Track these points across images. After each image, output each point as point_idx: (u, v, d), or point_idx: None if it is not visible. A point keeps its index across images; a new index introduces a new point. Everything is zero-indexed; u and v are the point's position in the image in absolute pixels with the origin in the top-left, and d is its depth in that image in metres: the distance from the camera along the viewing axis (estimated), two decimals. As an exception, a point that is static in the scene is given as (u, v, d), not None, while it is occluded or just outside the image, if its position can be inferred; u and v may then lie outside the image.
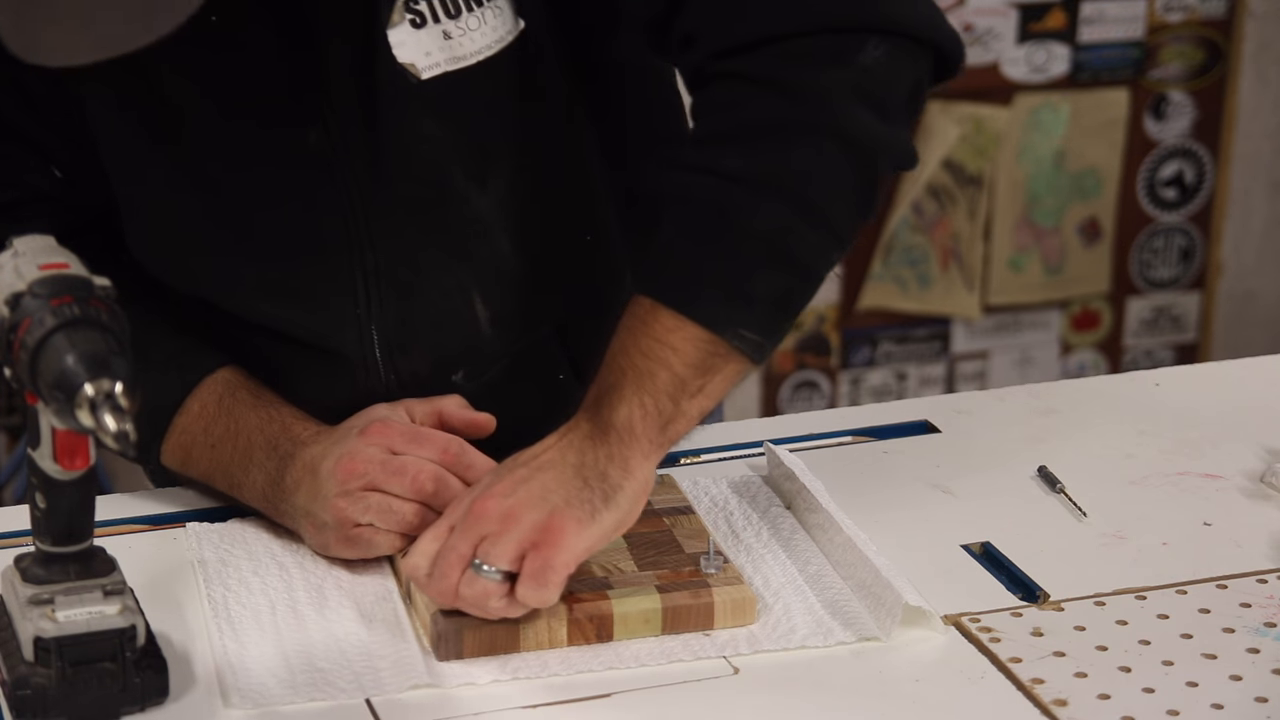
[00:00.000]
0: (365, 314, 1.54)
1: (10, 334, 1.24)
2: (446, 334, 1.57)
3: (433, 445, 1.47)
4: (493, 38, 1.48)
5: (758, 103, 1.40)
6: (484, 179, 1.52)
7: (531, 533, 1.34)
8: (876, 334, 3.65)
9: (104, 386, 1.20)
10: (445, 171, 1.51)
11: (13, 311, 1.24)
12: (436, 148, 1.50)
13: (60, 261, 1.27)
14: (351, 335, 1.55)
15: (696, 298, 1.38)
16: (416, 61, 1.47)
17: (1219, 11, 3.64)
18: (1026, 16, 3.53)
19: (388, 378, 1.56)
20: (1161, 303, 3.79)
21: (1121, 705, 1.32)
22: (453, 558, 1.35)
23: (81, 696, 1.29)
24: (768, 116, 1.40)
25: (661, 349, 1.38)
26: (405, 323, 1.55)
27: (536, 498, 1.36)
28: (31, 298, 1.24)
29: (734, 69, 1.41)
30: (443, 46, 1.47)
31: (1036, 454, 1.65)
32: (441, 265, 1.54)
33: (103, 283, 1.26)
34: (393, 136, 1.49)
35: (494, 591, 1.35)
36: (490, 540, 1.35)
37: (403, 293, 1.54)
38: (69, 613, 1.29)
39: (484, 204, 1.53)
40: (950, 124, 3.52)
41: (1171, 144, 3.69)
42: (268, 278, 1.54)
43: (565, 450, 1.38)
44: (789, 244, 1.39)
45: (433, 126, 1.49)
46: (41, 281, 1.24)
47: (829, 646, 1.39)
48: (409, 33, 1.46)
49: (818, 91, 1.39)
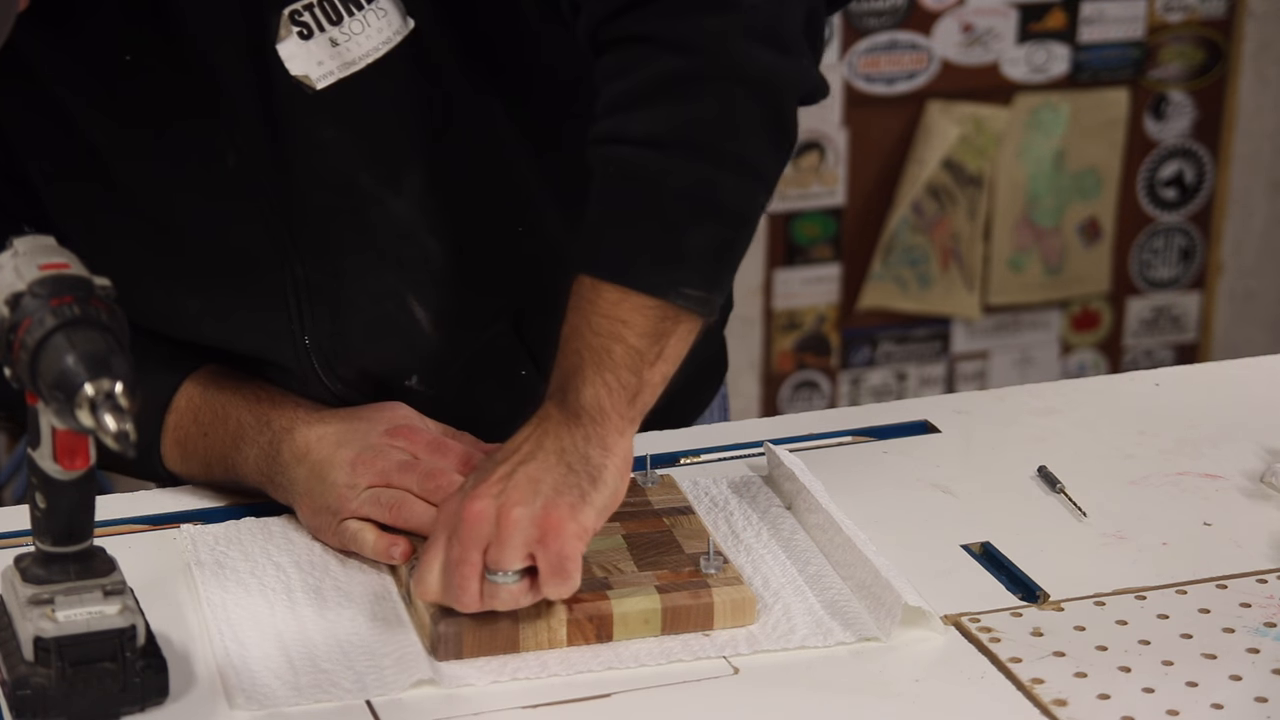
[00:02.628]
0: (299, 328, 1.54)
1: (10, 334, 1.24)
2: (384, 340, 1.57)
3: (455, 455, 1.49)
4: (379, 39, 1.47)
5: (651, 61, 1.40)
6: (397, 181, 1.52)
7: (531, 529, 1.34)
8: (876, 334, 3.65)
9: (104, 386, 1.20)
10: (352, 177, 1.51)
11: (13, 311, 1.24)
12: (340, 154, 1.50)
13: (60, 261, 1.27)
14: (287, 349, 1.55)
15: (631, 266, 1.38)
16: (310, 72, 1.47)
17: (1219, 11, 3.64)
18: (1026, 16, 3.53)
19: (333, 387, 1.57)
20: (1161, 303, 3.79)
21: (1121, 705, 1.32)
22: (466, 570, 1.35)
23: (81, 696, 1.29)
24: (663, 73, 1.39)
25: (611, 324, 1.38)
26: (339, 333, 1.55)
27: (527, 492, 1.35)
28: (31, 298, 1.24)
29: (621, 32, 1.41)
30: (332, 54, 1.47)
31: (1036, 454, 1.65)
32: (367, 271, 1.54)
33: (103, 283, 1.26)
34: (298, 148, 1.49)
35: (519, 593, 1.35)
36: (496, 546, 1.35)
37: (331, 303, 1.54)
38: (69, 613, 1.29)
39: (400, 206, 1.52)
40: (950, 124, 3.52)
41: (1171, 144, 3.69)
42: (206, 301, 1.55)
43: (542, 440, 1.38)
44: (711, 195, 1.39)
45: (333, 133, 1.49)
46: (41, 281, 1.24)
47: (829, 646, 1.39)
48: (298, 45, 1.46)
49: (707, 38, 1.39)
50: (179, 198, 1.51)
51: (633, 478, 1.55)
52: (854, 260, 3.59)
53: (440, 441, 1.50)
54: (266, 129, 1.48)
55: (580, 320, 1.39)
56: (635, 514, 1.51)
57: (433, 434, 1.51)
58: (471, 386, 1.60)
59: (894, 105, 3.52)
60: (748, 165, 1.41)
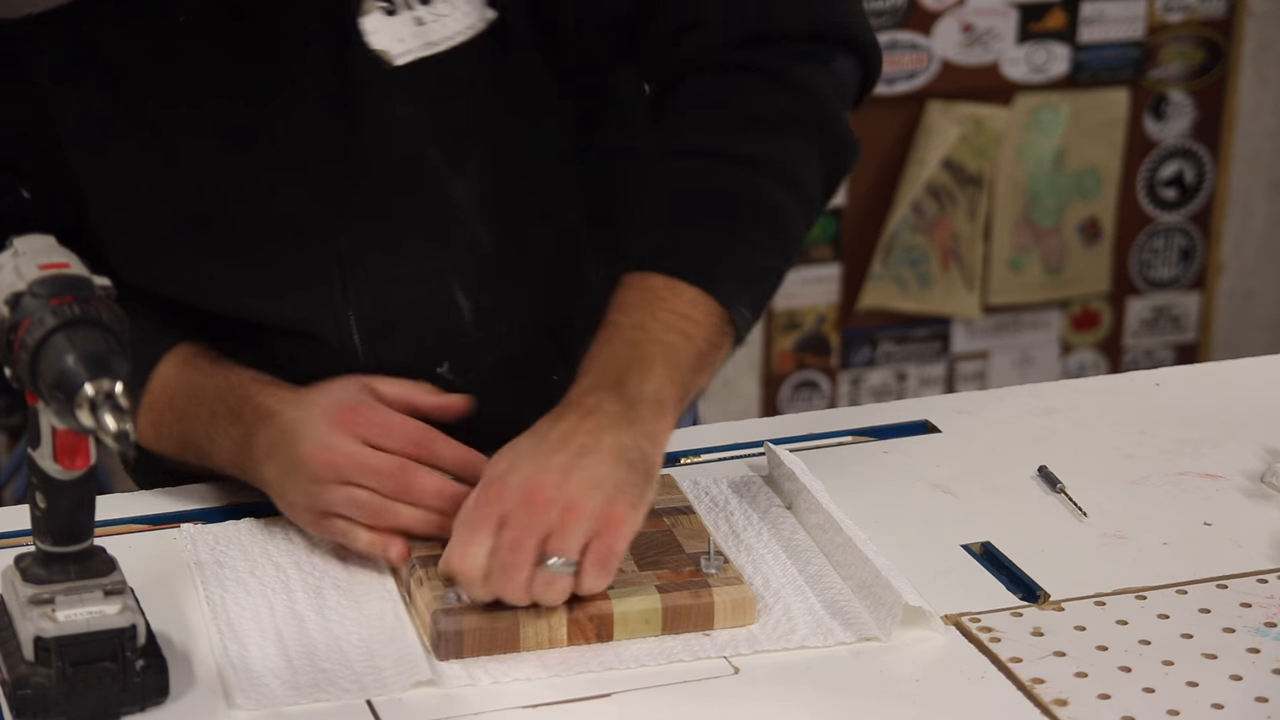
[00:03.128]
0: (342, 299, 1.55)
1: (10, 334, 1.24)
2: (426, 322, 1.57)
3: (403, 436, 1.46)
4: (464, 24, 1.50)
5: (765, 94, 1.49)
6: (461, 164, 1.54)
7: (595, 521, 1.35)
8: (876, 334, 3.65)
9: (104, 386, 1.20)
10: (422, 154, 1.52)
11: (13, 311, 1.24)
12: (412, 130, 1.51)
13: (60, 261, 1.27)
14: (329, 321, 1.56)
15: (716, 272, 1.44)
16: (390, 48, 1.49)
17: (1219, 11, 3.64)
18: (1026, 16, 3.53)
19: (368, 363, 1.57)
20: (1161, 303, 3.79)
21: (1121, 705, 1.32)
22: (522, 555, 1.34)
23: (82, 696, 1.29)
24: (774, 107, 1.49)
25: (685, 323, 1.42)
26: (383, 308, 1.56)
27: (591, 485, 1.35)
28: (31, 297, 1.24)
29: (744, 60, 1.50)
30: (415, 32, 1.48)
31: (1036, 454, 1.65)
32: (419, 250, 1.55)
33: (103, 282, 1.26)
34: (369, 120, 1.50)
35: (570, 584, 1.35)
36: (558, 534, 1.34)
37: (377, 278, 1.55)
38: (69, 612, 1.29)
39: (461, 189, 1.54)
40: (950, 124, 3.52)
41: (1171, 144, 3.69)
42: (244, 270, 1.55)
43: (598, 433, 1.37)
44: (784, 224, 1.48)
45: (408, 110, 1.51)
46: (42, 281, 1.24)
47: (829, 646, 1.39)
48: (382, 20, 1.48)
49: (815, 88, 1.50)
50: (222, 161, 1.51)
51: (633, 477, 1.55)
52: (854, 260, 3.59)
53: (387, 420, 1.46)
54: (336, 98, 1.49)
55: (645, 314, 1.41)
56: (635, 514, 1.51)
57: (377, 412, 1.47)
58: (501, 384, 1.60)
59: (894, 105, 3.52)
60: (811, 206, 1.50)
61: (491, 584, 1.35)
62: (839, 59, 1.53)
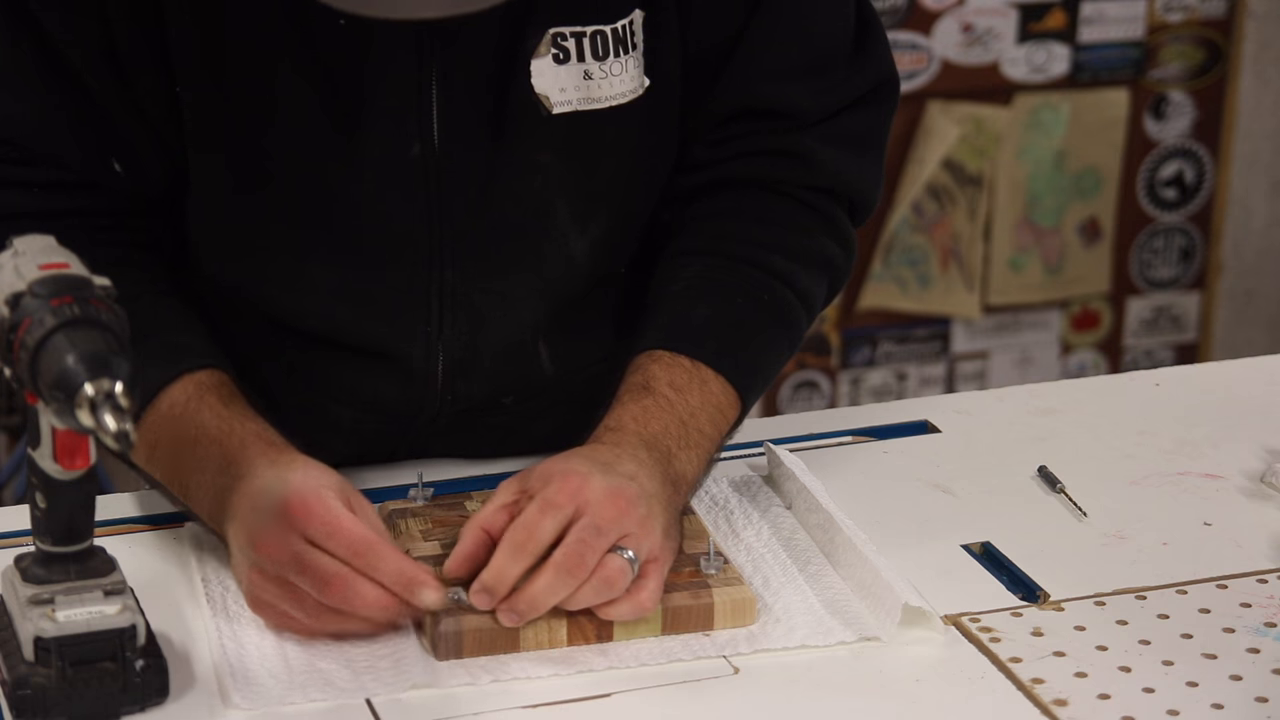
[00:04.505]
0: (435, 329, 1.55)
1: (10, 334, 1.24)
2: (508, 363, 1.59)
3: (348, 543, 1.35)
4: (628, 87, 1.50)
5: (822, 236, 1.61)
6: (585, 224, 1.55)
7: (655, 549, 1.38)
8: (876, 334, 3.65)
9: (104, 386, 1.20)
10: (551, 204, 1.53)
11: (13, 311, 1.24)
12: (549, 180, 1.52)
13: (60, 261, 1.27)
14: (419, 348, 1.56)
15: (754, 388, 1.55)
16: (550, 95, 1.48)
17: (1219, 11, 3.64)
18: (1026, 16, 3.53)
19: (444, 393, 1.58)
20: (1161, 303, 3.79)
21: (1121, 705, 1.32)
22: (601, 541, 1.35)
23: (81, 696, 1.29)
24: (828, 252, 1.61)
25: (721, 421, 1.53)
26: (472, 346, 1.56)
27: (654, 520, 1.39)
28: (31, 297, 1.24)
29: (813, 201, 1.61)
30: (579, 85, 1.49)
31: (1036, 454, 1.65)
32: (522, 298, 1.56)
33: (102, 282, 1.26)
34: (507, 160, 1.50)
35: (629, 575, 1.36)
36: (636, 536, 1.37)
37: (475, 316, 1.55)
38: (69, 613, 1.29)
39: (580, 246, 1.55)
40: (950, 124, 3.52)
41: (1171, 144, 3.69)
42: (343, 281, 1.53)
43: (657, 487, 1.42)
44: (796, 339, 1.61)
45: (551, 159, 1.51)
46: (42, 281, 1.24)
47: (829, 646, 1.39)
48: (549, 66, 1.48)
49: (851, 239, 1.64)
50: (349, 174, 1.49)
51: (633, 478, 1.55)
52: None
53: (335, 524, 1.36)
54: (484, 131, 1.49)
55: (699, 405, 1.50)
56: (635, 514, 1.51)
57: (328, 512, 1.37)
58: (556, 410, 1.63)
59: (894, 105, 3.52)
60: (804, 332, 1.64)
61: (554, 562, 1.34)
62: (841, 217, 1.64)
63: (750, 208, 1.60)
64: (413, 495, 1.53)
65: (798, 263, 1.59)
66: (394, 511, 1.50)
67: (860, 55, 1.60)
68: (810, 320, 1.61)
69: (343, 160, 1.49)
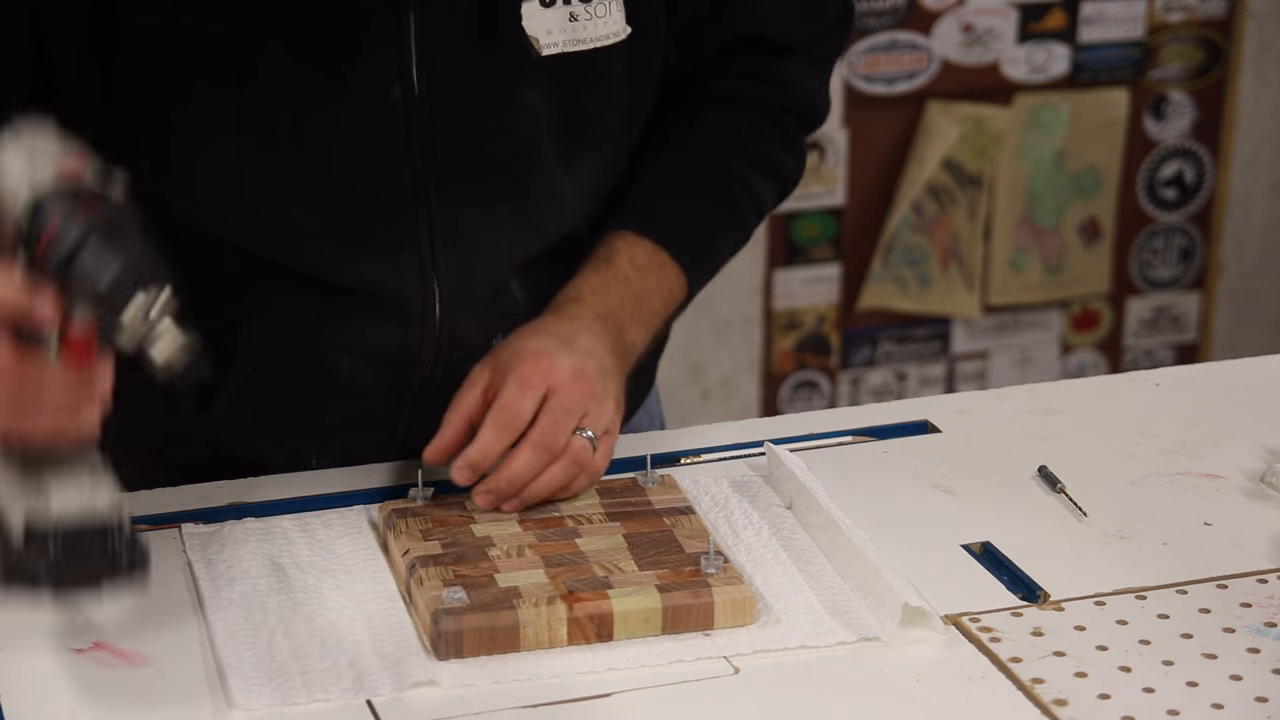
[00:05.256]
0: (429, 263, 1.56)
1: (32, 243, 1.19)
2: (497, 296, 1.61)
3: None
4: (612, 29, 1.55)
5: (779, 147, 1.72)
6: (572, 164, 1.59)
7: (610, 424, 1.51)
8: (876, 334, 3.65)
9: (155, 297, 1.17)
10: (538, 145, 1.56)
11: (34, 219, 1.19)
12: (536, 120, 1.55)
13: (74, 164, 1.22)
14: (413, 283, 1.57)
15: (703, 279, 1.67)
16: (540, 37, 1.53)
17: (1219, 11, 3.64)
18: (1026, 16, 3.53)
19: (441, 333, 1.59)
20: (1161, 303, 3.79)
21: (1121, 705, 1.32)
22: (570, 421, 1.48)
23: (71, 572, 1.29)
24: (782, 161, 1.73)
25: (670, 303, 1.64)
26: (466, 278, 1.58)
27: (609, 395, 1.52)
28: (54, 200, 1.19)
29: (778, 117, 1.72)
30: (565, 28, 1.53)
31: (1036, 454, 1.65)
32: (510, 227, 1.59)
33: (121, 179, 1.24)
34: (495, 100, 1.53)
35: (590, 453, 1.49)
36: (593, 416, 1.49)
37: (466, 246, 1.57)
38: (60, 496, 1.27)
39: (567, 186, 1.59)
40: (950, 124, 3.52)
41: (1171, 144, 3.69)
42: (330, 222, 1.54)
43: (610, 360, 1.54)
44: (744, 239, 1.73)
45: (537, 99, 1.54)
46: (60, 188, 1.20)
47: (829, 646, 1.39)
48: (538, 9, 1.52)
49: (803, 151, 1.75)
50: (327, 114, 1.51)
51: (633, 477, 1.56)
52: (854, 260, 3.59)
53: None
54: (472, 71, 1.51)
55: (655, 284, 1.62)
56: (636, 513, 1.51)
57: None
58: None
59: (894, 105, 3.52)
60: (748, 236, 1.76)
61: (531, 440, 1.47)
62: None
63: (718, 116, 1.70)
64: (413, 495, 1.53)
65: (755, 168, 1.69)
66: (394, 511, 1.50)
67: None
68: (758, 220, 1.73)
69: (323, 101, 1.50)
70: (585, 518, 1.51)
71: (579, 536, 1.48)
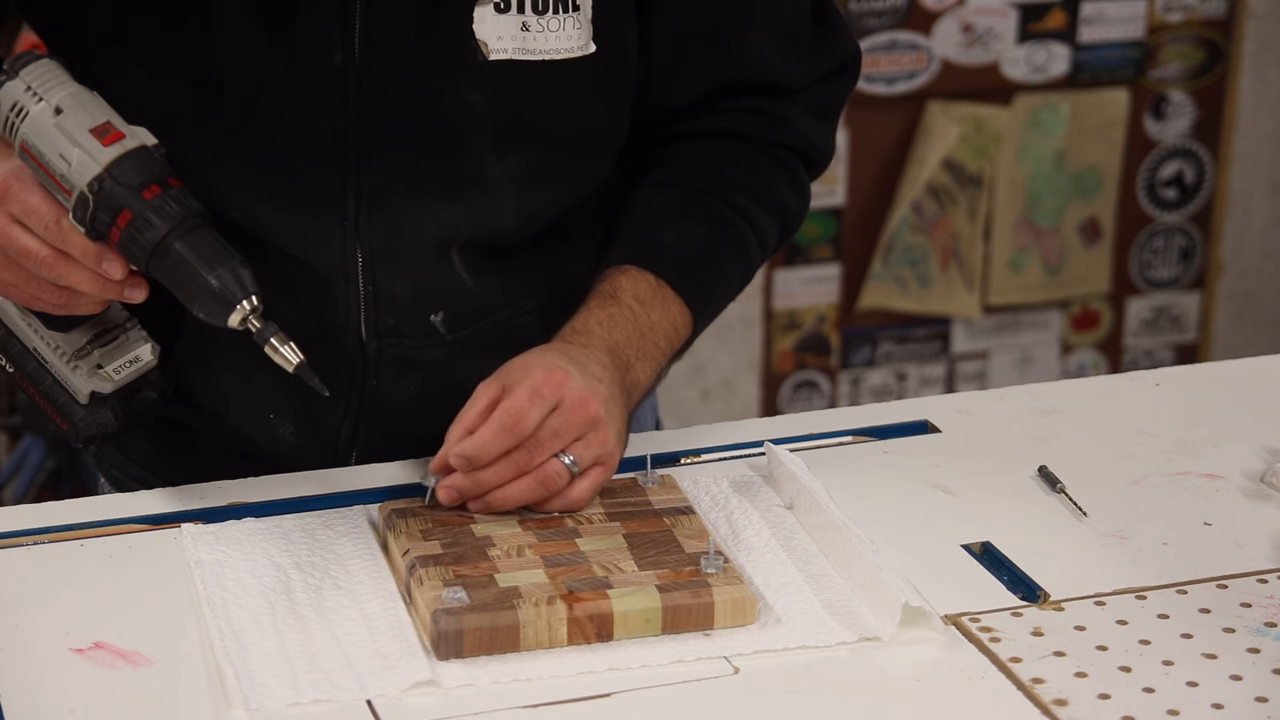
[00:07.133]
0: (352, 227, 1.57)
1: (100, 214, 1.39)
2: (430, 266, 1.60)
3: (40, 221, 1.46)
4: (565, 45, 1.55)
5: (783, 184, 1.72)
6: (505, 158, 1.58)
7: (605, 455, 1.50)
8: (876, 334, 3.65)
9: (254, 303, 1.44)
10: (472, 138, 1.57)
11: (96, 197, 1.38)
12: (472, 118, 1.56)
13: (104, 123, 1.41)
14: (335, 246, 1.57)
15: (708, 314, 1.66)
16: (489, 41, 1.53)
17: (1219, 11, 3.64)
18: (1026, 16, 3.53)
19: (365, 290, 1.59)
20: (1161, 303, 3.79)
21: (1121, 705, 1.32)
22: (557, 442, 1.49)
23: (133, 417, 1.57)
24: (785, 198, 1.72)
25: (675, 339, 1.63)
26: (391, 247, 1.59)
27: (611, 426, 1.51)
28: (115, 184, 1.37)
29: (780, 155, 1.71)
30: (516, 36, 1.53)
31: (1036, 454, 1.65)
32: (439, 204, 1.58)
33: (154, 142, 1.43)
34: (435, 93, 1.54)
35: (566, 479, 1.49)
36: (586, 442, 1.49)
37: (393, 218, 1.58)
38: (115, 364, 1.54)
39: (498, 173, 1.59)
40: (950, 124, 3.53)
41: (1171, 144, 3.69)
42: (261, 176, 1.56)
43: (618, 391, 1.54)
44: (750, 274, 1.71)
45: (477, 100, 1.55)
46: (119, 166, 1.39)
47: (829, 646, 1.39)
48: (490, 13, 1.53)
49: (807, 191, 1.75)
50: (265, 74, 1.52)
51: (633, 477, 1.56)
52: (854, 260, 3.60)
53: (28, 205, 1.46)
54: (403, 53, 1.52)
55: (659, 319, 1.61)
56: (636, 513, 1.51)
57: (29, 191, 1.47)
58: (487, 351, 1.62)
59: (894, 105, 3.52)
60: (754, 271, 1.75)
61: (518, 455, 1.47)
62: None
63: (722, 151, 1.70)
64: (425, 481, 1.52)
65: (759, 204, 1.69)
66: (394, 511, 1.50)
67: (824, 30, 1.70)
68: (763, 258, 1.72)
69: (267, 60, 1.52)
70: (585, 518, 1.51)
71: (579, 536, 1.48)
